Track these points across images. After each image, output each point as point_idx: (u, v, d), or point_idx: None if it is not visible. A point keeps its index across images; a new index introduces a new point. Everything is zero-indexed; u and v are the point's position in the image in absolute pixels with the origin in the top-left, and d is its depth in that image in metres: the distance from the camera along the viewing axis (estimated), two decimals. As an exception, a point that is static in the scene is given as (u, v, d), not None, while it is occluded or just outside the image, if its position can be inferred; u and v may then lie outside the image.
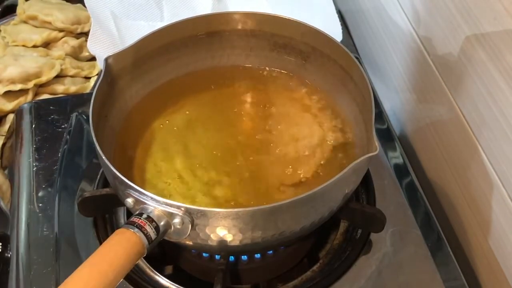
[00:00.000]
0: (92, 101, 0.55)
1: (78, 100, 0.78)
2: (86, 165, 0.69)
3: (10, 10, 0.93)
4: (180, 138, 0.62)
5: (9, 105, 0.81)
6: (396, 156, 0.73)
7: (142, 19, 0.86)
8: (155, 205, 0.46)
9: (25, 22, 0.89)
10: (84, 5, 0.85)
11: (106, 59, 0.57)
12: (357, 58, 0.60)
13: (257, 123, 0.64)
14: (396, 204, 0.66)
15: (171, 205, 0.46)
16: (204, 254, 0.61)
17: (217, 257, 0.60)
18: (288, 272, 0.62)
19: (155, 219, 0.45)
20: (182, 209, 0.46)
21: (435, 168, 0.73)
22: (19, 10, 0.89)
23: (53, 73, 0.82)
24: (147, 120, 0.64)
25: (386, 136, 0.75)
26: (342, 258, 0.61)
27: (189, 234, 0.47)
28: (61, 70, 0.84)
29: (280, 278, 0.61)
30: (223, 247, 0.51)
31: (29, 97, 0.81)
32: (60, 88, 0.83)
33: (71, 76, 0.86)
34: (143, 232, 0.44)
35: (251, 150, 0.61)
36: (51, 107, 0.76)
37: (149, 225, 0.45)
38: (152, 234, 0.44)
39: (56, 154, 0.70)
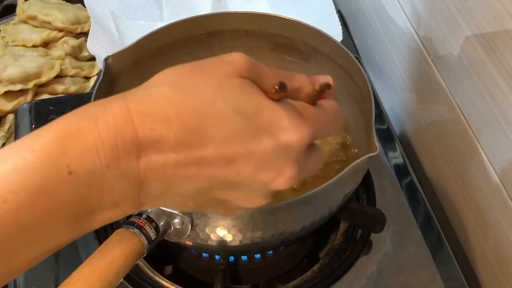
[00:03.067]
0: (92, 101, 0.54)
1: (78, 100, 0.78)
2: (86, 165, 0.69)
3: (10, 10, 0.93)
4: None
5: (9, 105, 0.80)
6: (396, 156, 0.73)
7: (142, 19, 0.86)
8: (155, 205, 0.46)
9: (24, 22, 0.89)
10: (84, 5, 0.85)
11: (106, 59, 0.57)
12: (357, 58, 0.60)
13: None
14: (396, 204, 0.66)
15: (171, 205, 0.46)
16: (204, 254, 0.61)
17: (217, 257, 0.60)
18: (288, 272, 0.62)
19: (154, 219, 0.45)
20: (182, 209, 0.46)
21: (435, 168, 0.73)
22: (18, 10, 0.89)
23: (53, 73, 0.82)
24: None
25: (386, 136, 0.75)
26: (342, 258, 0.61)
27: (189, 234, 0.47)
28: (61, 70, 0.83)
29: (280, 278, 0.61)
30: (223, 247, 0.51)
31: (29, 97, 0.81)
32: (60, 88, 0.83)
33: (71, 76, 0.85)
34: (143, 232, 0.44)
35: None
36: (50, 107, 0.76)
37: (148, 225, 0.45)
38: (152, 234, 0.44)
39: (56, 154, 0.70)
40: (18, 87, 0.80)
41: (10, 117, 0.80)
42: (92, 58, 0.89)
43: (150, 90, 0.30)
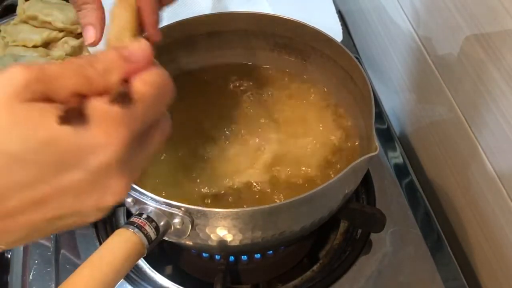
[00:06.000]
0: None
1: (78, 100, 0.78)
2: (86, 165, 0.69)
3: (10, 10, 0.93)
4: (181, 138, 0.62)
5: (9, 105, 0.80)
6: (396, 156, 0.73)
7: (142, 19, 0.86)
8: (155, 205, 0.46)
9: (25, 22, 0.89)
10: (84, 5, 0.85)
11: (106, 59, 0.57)
12: (357, 58, 0.60)
13: (257, 122, 0.64)
14: (396, 204, 0.66)
15: (171, 205, 0.46)
16: (204, 254, 0.61)
17: (217, 257, 0.60)
18: (288, 272, 0.62)
19: (155, 219, 0.45)
20: (182, 209, 0.46)
21: (435, 168, 0.73)
22: (19, 10, 0.89)
23: (53, 73, 0.82)
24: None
25: (386, 136, 0.75)
26: (342, 258, 0.61)
27: (189, 234, 0.47)
28: (61, 70, 0.83)
29: (280, 278, 0.61)
30: (223, 247, 0.51)
31: (29, 97, 0.81)
32: (60, 88, 0.83)
33: (71, 76, 0.85)
34: (143, 232, 0.44)
35: (251, 149, 0.61)
36: (51, 107, 0.76)
37: (149, 225, 0.45)
38: (152, 234, 0.44)
39: (56, 154, 0.70)
40: (18, 87, 0.80)
41: (10, 117, 0.80)
42: (92, 58, 0.89)
43: None
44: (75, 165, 0.27)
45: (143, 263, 0.61)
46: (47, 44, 0.88)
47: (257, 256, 0.61)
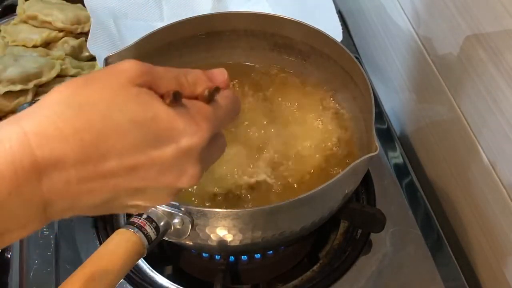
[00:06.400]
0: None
1: (78, 100, 0.77)
2: (86, 165, 0.69)
3: (10, 10, 0.93)
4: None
5: (9, 105, 0.80)
6: (396, 156, 0.73)
7: (142, 19, 0.86)
8: (155, 205, 0.46)
9: (25, 22, 0.89)
10: (84, 5, 0.85)
11: (106, 59, 0.57)
12: (357, 58, 0.60)
13: (257, 122, 0.64)
14: (396, 204, 0.66)
15: (171, 205, 0.46)
16: (204, 254, 0.61)
17: (217, 257, 0.60)
18: (288, 272, 0.62)
19: (155, 219, 0.45)
20: (182, 209, 0.46)
21: (435, 168, 0.73)
22: (19, 10, 0.89)
23: (54, 74, 0.82)
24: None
25: (386, 136, 0.75)
26: (342, 258, 0.61)
27: (189, 234, 0.47)
28: (61, 70, 0.83)
29: (280, 278, 0.61)
30: (223, 247, 0.51)
31: (29, 97, 0.81)
32: (60, 88, 0.83)
33: (72, 76, 0.85)
34: (143, 232, 0.44)
35: (251, 149, 0.61)
36: (51, 107, 0.76)
37: (149, 225, 0.45)
38: (152, 234, 0.44)
39: (56, 154, 0.70)
40: (18, 87, 0.80)
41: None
42: (93, 58, 0.89)
43: (44, 111, 0.30)
44: (169, 142, 0.32)
45: (143, 263, 0.61)
46: (47, 44, 0.88)
47: (257, 256, 0.61)
